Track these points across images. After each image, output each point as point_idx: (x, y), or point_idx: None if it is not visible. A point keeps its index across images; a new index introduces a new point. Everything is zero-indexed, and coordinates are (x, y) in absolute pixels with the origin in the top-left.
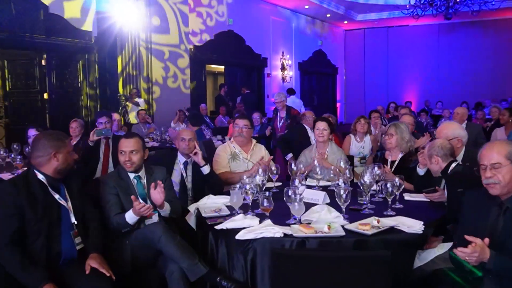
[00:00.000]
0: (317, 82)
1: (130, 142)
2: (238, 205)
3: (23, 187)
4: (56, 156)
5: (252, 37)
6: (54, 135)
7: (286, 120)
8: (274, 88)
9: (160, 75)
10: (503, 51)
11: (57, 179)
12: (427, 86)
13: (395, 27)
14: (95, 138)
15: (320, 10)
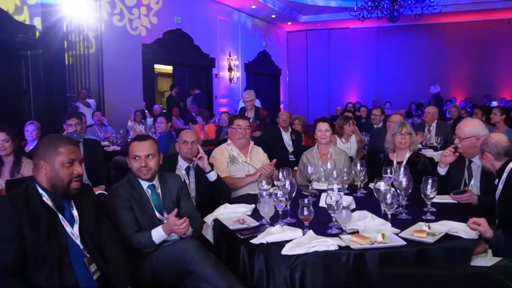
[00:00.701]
0: (262, 83)
1: (145, 145)
2: (269, 214)
3: (23, 204)
4: (44, 165)
5: (200, 37)
6: (47, 139)
7: (255, 121)
8: (222, 89)
9: (111, 74)
10: (438, 54)
11: (59, 194)
12: (368, 87)
13: (337, 29)
14: None
15: (266, 10)
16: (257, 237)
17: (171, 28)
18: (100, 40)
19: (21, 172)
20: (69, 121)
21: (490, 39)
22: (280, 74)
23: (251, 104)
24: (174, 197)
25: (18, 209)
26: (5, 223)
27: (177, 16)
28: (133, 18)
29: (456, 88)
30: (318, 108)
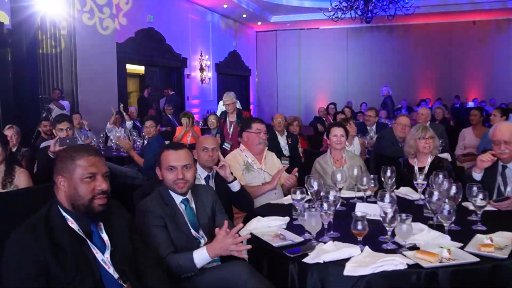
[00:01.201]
0: (232, 84)
1: (182, 154)
2: (317, 229)
3: (45, 233)
4: (62, 182)
5: (172, 36)
6: (65, 151)
7: (237, 124)
8: (194, 89)
9: (85, 74)
10: (407, 55)
11: (84, 215)
12: (338, 88)
13: (306, 29)
14: (57, 149)
15: (238, 10)
16: (308, 255)
17: (144, 27)
18: (73, 38)
19: (15, 183)
20: (60, 125)
21: (456, 40)
22: (249, 74)
23: (232, 107)
24: (209, 212)
25: (40, 240)
26: (26, 259)
27: (150, 14)
28: (104, 17)
29: (425, 88)
30: (288, 109)
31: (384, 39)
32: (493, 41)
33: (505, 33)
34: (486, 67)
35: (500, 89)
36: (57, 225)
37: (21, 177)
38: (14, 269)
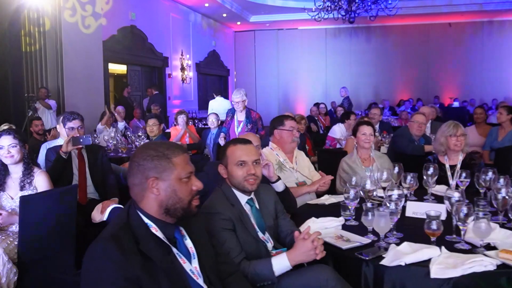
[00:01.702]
0: (212, 84)
1: (252, 149)
2: (385, 230)
3: (133, 245)
4: (155, 184)
5: (154, 35)
6: (152, 149)
7: (246, 124)
8: (175, 89)
9: (71, 73)
10: (385, 56)
11: (168, 222)
12: (317, 89)
13: (285, 29)
14: (70, 149)
15: (219, 8)
16: (383, 257)
17: (126, 25)
18: (59, 36)
19: (33, 184)
20: (71, 124)
21: (433, 41)
22: (228, 74)
23: (242, 106)
24: (273, 213)
25: (129, 253)
26: (116, 276)
27: (132, 12)
28: (86, 15)
29: (404, 89)
30: (268, 109)
31: (363, 40)
32: (468, 42)
33: (479, 35)
34: (461, 68)
35: (475, 90)
36: (141, 235)
37: (40, 178)
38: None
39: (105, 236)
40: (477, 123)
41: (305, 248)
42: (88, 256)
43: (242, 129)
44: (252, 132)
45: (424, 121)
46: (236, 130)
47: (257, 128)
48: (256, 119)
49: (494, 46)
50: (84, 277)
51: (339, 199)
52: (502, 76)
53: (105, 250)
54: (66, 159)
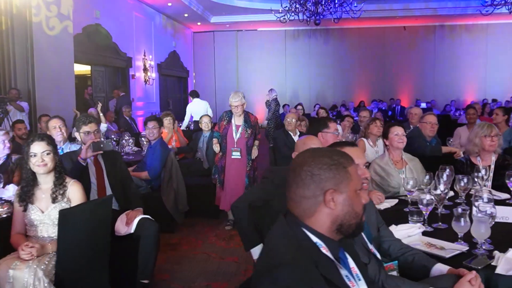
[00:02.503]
0: (172, 85)
1: (359, 152)
2: (485, 236)
3: (313, 268)
4: (333, 197)
5: (118, 34)
6: (326, 155)
7: (245, 129)
8: (138, 91)
9: (42, 74)
10: (343, 58)
11: (334, 240)
12: (277, 90)
13: (244, 31)
14: (90, 155)
15: (182, 8)
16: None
17: (91, 23)
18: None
19: (67, 196)
20: (87, 128)
21: (389, 44)
22: (188, 76)
23: (241, 109)
24: (375, 222)
25: (314, 280)
26: None
27: (97, 10)
28: (50, 16)
29: (361, 90)
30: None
31: (321, 42)
32: (422, 45)
33: (432, 39)
34: (415, 70)
35: (429, 91)
36: (317, 257)
37: (74, 189)
38: None
39: (284, 262)
40: (469, 124)
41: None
42: (266, 286)
43: (242, 135)
44: (252, 137)
45: (436, 121)
46: (235, 136)
47: (255, 132)
48: (254, 122)
49: (445, 49)
50: None
51: (392, 203)
52: (453, 78)
53: (292, 278)
54: (84, 167)
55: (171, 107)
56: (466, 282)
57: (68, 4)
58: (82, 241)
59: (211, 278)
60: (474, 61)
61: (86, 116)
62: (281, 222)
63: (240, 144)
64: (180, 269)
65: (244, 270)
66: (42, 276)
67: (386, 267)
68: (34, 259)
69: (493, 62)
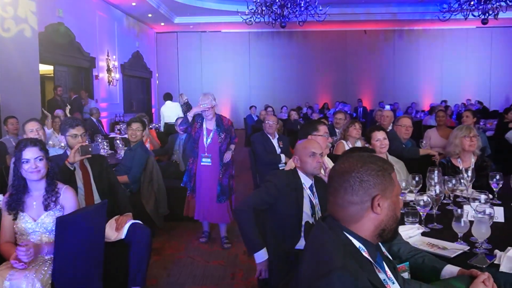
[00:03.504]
0: (135, 86)
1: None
2: (486, 236)
3: (360, 272)
4: (380, 203)
5: (81, 33)
6: (374, 162)
7: (218, 134)
8: (102, 92)
9: (6, 73)
10: (306, 61)
11: (375, 245)
12: (240, 92)
13: (208, 32)
14: (78, 159)
15: (146, 8)
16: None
17: (53, 22)
18: None
19: (60, 203)
20: (74, 131)
21: (351, 47)
22: (151, 77)
23: (212, 113)
24: None
25: (363, 282)
26: None
27: (59, 8)
28: (6, 17)
29: (323, 92)
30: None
31: (284, 44)
32: (381, 49)
33: (391, 43)
34: (376, 73)
35: (388, 94)
36: (361, 261)
37: (67, 196)
38: None
39: (335, 268)
40: (438, 125)
41: None
42: None
43: (213, 140)
44: (225, 141)
45: (411, 124)
46: (206, 141)
47: (230, 136)
48: (228, 126)
49: (404, 53)
50: None
51: None
52: (412, 81)
53: (344, 282)
54: (71, 171)
55: (134, 108)
56: (480, 283)
57: (30, 3)
58: (78, 248)
59: (199, 281)
60: (431, 64)
61: (73, 119)
62: (322, 226)
63: (211, 150)
64: (167, 273)
65: (231, 273)
66: (40, 287)
67: (398, 268)
68: (31, 269)
69: (449, 66)
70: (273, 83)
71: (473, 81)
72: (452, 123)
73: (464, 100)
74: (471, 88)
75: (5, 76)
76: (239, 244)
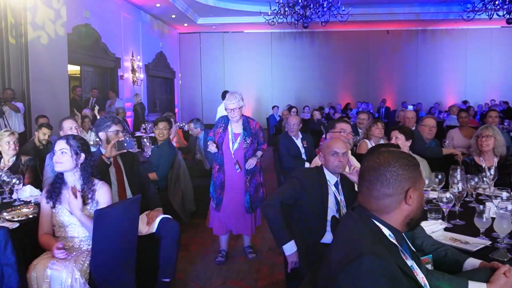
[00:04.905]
0: (158, 86)
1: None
2: (507, 231)
3: (389, 258)
4: (412, 195)
5: (107, 34)
6: (405, 155)
7: (244, 139)
8: (127, 92)
9: (37, 73)
10: (328, 61)
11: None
12: (263, 92)
13: (231, 32)
14: (114, 154)
15: (169, 9)
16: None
17: (80, 23)
18: (24, 32)
19: (96, 199)
20: (116, 127)
21: (373, 48)
22: (174, 77)
23: (238, 114)
24: None
25: (394, 270)
26: None
27: (86, 10)
28: (38, 21)
29: (345, 93)
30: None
31: (306, 45)
32: (404, 49)
33: (414, 43)
34: (398, 73)
35: (411, 94)
36: (391, 249)
37: (102, 192)
38: None
39: (365, 251)
40: (461, 126)
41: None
42: (350, 274)
43: (240, 145)
44: (251, 147)
45: (435, 125)
46: (232, 147)
47: (257, 141)
48: (256, 130)
49: (427, 53)
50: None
51: None
52: (435, 81)
53: (374, 265)
54: (107, 166)
55: (158, 108)
56: (501, 274)
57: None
58: (114, 240)
59: (226, 276)
60: (454, 64)
61: (114, 116)
62: (351, 215)
63: (238, 156)
64: (195, 268)
65: (256, 268)
66: (79, 276)
67: (422, 260)
68: (70, 259)
69: (473, 66)
70: (295, 83)
71: (498, 81)
72: (476, 123)
73: (488, 101)
74: (496, 88)
75: (36, 77)
76: (263, 241)
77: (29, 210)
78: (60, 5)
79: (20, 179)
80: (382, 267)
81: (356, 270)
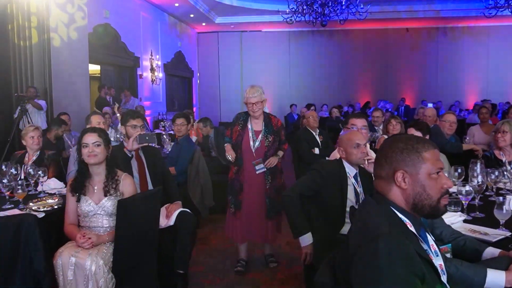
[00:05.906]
0: (176, 85)
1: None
2: None
3: (405, 240)
4: (404, 178)
5: (126, 34)
6: (402, 141)
7: (265, 136)
8: (146, 90)
9: (59, 72)
10: (346, 59)
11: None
12: (281, 91)
13: (249, 31)
14: (136, 147)
15: (188, 8)
16: None
17: (100, 22)
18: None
19: (120, 190)
20: (134, 122)
21: (391, 46)
22: (192, 76)
23: (260, 108)
24: None
25: (410, 251)
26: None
27: (106, 9)
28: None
29: (363, 91)
30: (231, 112)
31: (324, 43)
32: (424, 47)
33: (434, 40)
34: (418, 71)
35: (431, 93)
36: (405, 232)
37: (127, 183)
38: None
39: (382, 233)
40: (482, 122)
41: None
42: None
43: (262, 143)
44: (273, 146)
45: (455, 120)
46: (253, 145)
47: (279, 140)
48: (278, 127)
49: (447, 51)
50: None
51: None
52: (456, 79)
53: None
54: (130, 157)
55: (176, 107)
56: None
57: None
58: (137, 230)
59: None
60: (475, 62)
61: (134, 112)
62: (369, 201)
63: (259, 156)
64: (213, 261)
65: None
66: (102, 264)
67: (441, 249)
68: (93, 248)
69: (495, 64)
70: (313, 81)
71: None
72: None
73: (510, 100)
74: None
75: (58, 76)
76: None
77: (54, 201)
78: (82, 4)
79: (45, 172)
80: (399, 248)
81: (374, 251)
